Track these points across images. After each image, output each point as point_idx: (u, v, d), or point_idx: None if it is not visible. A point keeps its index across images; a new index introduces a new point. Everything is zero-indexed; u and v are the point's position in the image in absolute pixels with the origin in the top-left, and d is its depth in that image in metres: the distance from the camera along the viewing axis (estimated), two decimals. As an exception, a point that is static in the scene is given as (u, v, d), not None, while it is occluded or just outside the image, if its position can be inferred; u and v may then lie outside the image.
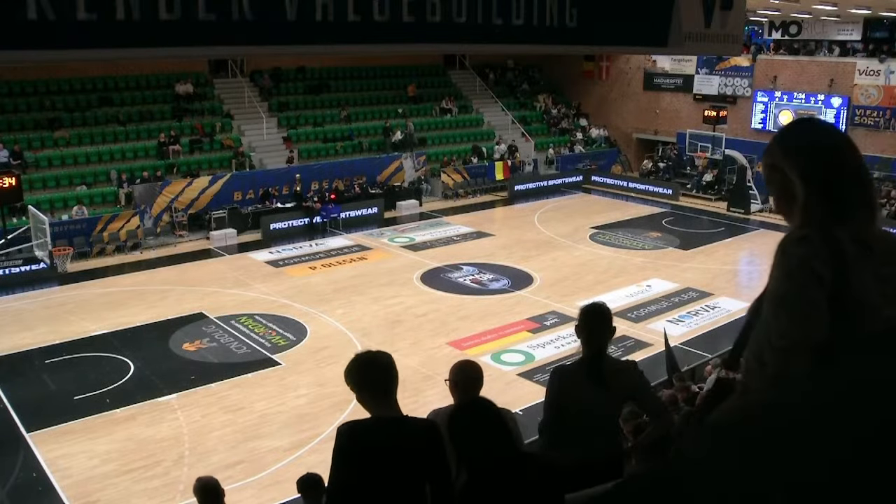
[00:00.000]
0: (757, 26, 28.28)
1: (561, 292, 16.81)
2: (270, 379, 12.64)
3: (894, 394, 0.75)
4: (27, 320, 15.21)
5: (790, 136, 1.69)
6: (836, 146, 1.65)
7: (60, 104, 22.93)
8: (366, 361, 3.06)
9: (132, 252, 19.93)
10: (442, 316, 15.56)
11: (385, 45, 3.05)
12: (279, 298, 16.50)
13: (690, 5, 4.17)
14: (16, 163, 20.50)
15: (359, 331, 14.67)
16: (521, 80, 33.13)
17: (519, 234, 22.08)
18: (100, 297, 16.65)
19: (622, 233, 22.32)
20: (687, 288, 17.27)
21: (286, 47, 2.90)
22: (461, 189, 26.73)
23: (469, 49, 4.48)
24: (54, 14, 2.16)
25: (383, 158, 25.75)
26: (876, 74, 25.11)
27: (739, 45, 4.90)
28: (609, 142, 31.79)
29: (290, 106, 26.72)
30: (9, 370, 12.91)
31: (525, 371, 12.70)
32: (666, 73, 30.37)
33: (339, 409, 11.48)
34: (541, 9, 3.43)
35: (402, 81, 29.72)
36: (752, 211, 24.89)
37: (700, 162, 27.99)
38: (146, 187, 21.12)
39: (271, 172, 23.77)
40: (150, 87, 24.72)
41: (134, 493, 9.43)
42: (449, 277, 18.05)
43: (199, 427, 11.02)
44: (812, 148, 1.64)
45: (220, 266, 19.27)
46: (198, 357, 13.52)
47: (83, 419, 11.20)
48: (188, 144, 23.68)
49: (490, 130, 30.03)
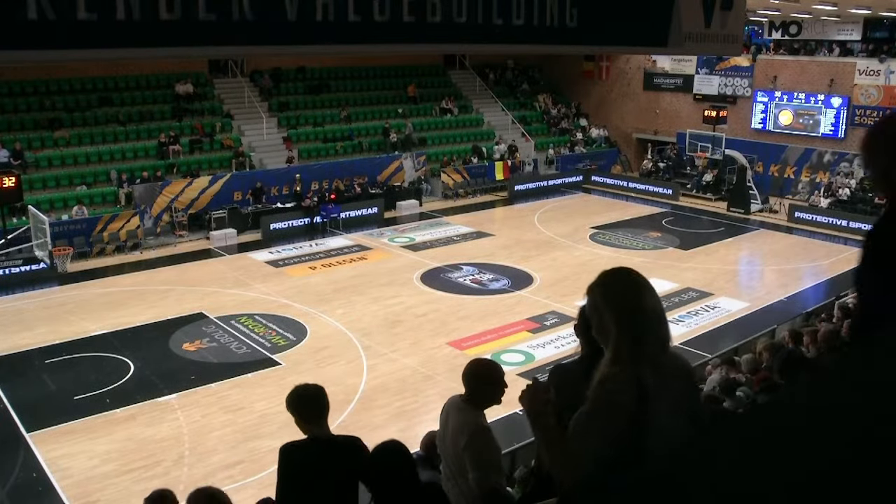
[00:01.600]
0: (757, 26, 28.27)
1: (561, 292, 16.81)
2: (270, 379, 12.64)
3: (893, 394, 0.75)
4: (27, 320, 15.21)
5: (607, 285, 2.12)
6: (640, 295, 2.10)
7: (60, 104, 22.93)
8: (301, 393, 3.72)
9: (132, 252, 19.93)
10: (442, 316, 15.56)
11: (385, 45, 3.06)
12: (279, 298, 16.50)
13: (690, 5, 4.17)
14: (16, 163, 20.51)
15: (359, 331, 14.67)
16: (521, 80, 33.13)
17: (519, 234, 22.08)
18: (100, 297, 16.65)
19: (622, 233, 22.32)
20: (687, 288, 17.27)
21: (286, 47, 2.90)
22: (461, 189, 26.73)
23: (469, 49, 4.49)
24: (54, 14, 2.16)
25: (383, 158, 25.75)
26: (876, 74, 25.11)
27: (739, 45, 4.91)
28: (609, 142, 31.79)
29: (290, 106, 26.72)
30: (9, 370, 12.90)
31: (525, 371, 12.69)
32: (666, 73, 30.37)
33: (339, 409, 11.49)
34: (541, 9, 3.44)
35: (402, 81, 29.72)
36: (752, 211, 24.89)
37: (700, 162, 27.99)
38: (146, 187, 21.11)
39: (271, 172, 23.77)
40: (150, 87, 24.72)
41: (134, 493, 9.42)
42: (449, 277, 18.05)
43: (199, 427, 11.02)
44: (623, 297, 2.09)
45: (220, 266, 19.27)
46: (198, 357, 13.52)
47: (83, 419, 11.20)
48: (188, 144, 23.69)
49: (490, 130, 30.03)
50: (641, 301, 2.09)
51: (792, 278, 18.62)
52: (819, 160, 26.39)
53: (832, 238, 22.12)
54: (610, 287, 2.12)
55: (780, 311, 15.36)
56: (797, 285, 18.04)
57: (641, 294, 2.10)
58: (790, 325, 11.50)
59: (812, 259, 20.24)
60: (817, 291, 17.45)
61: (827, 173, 26.03)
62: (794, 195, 26.40)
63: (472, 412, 3.48)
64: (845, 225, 22.72)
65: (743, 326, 14.64)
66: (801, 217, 23.78)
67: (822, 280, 18.36)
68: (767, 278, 19.03)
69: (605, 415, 2.01)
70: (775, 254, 20.82)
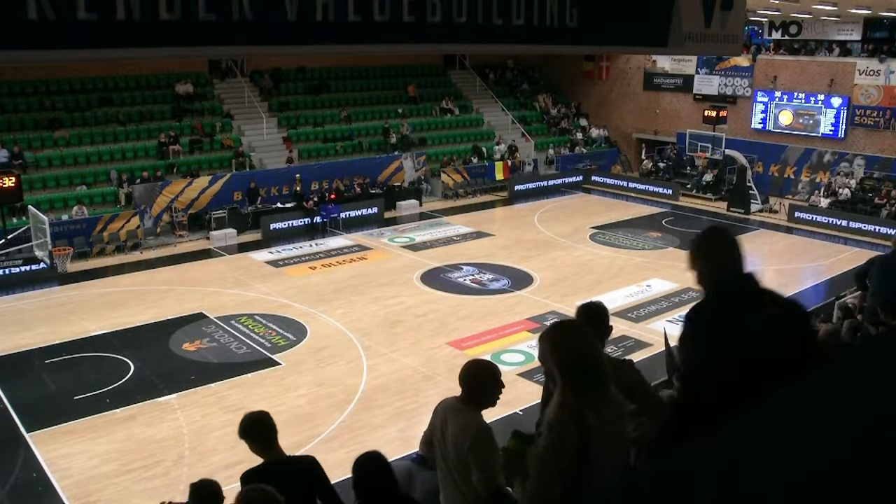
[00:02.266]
0: (757, 26, 28.27)
1: (561, 292, 16.81)
2: (270, 379, 12.64)
3: (893, 394, 0.75)
4: (27, 320, 15.21)
5: (553, 337, 2.41)
6: (580, 345, 2.38)
7: (60, 104, 22.93)
8: (252, 421, 3.91)
9: (132, 252, 19.93)
10: (442, 316, 15.56)
11: (385, 45, 3.06)
12: (279, 298, 16.50)
13: (690, 5, 4.17)
14: (16, 163, 20.51)
15: (359, 331, 14.67)
16: (521, 80, 33.13)
17: (519, 234, 22.08)
18: (100, 297, 16.65)
19: (622, 233, 22.32)
20: (687, 288, 17.25)
21: (286, 47, 2.90)
22: (461, 189, 26.73)
23: (469, 49, 4.49)
24: (54, 14, 2.16)
25: (383, 158, 25.75)
26: (876, 74, 25.10)
27: (739, 45, 4.90)
28: (609, 142, 31.79)
29: (290, 106, 26.72)
30: (9, 370, 12.90)
31: (525, 371, 12.69)
32: (666, 73, 30.37)
33: (339, 409, 11.50)
34: (541, 9, 3.44)
35: (402, 81, 29.72)
36: (752, 211, 24.89)
37: (700, 162, 27.99)
38: (146, 187, 21.11)
39: (271, 172, 23.77)
40: (150, 87, 24.72)
41: (134, 493, 9.43)
42: (449, 277, 18.05)
43: (199, 427, 11.02)
44: (567, 350, 2.36)
45: (220, 266, 19.27)
46: (198, 357, 13.52)
47: (83, 419, 11.20)
48: (188, 144, 23.68)
49: (490, 130, 30.03)
50: (585, 353, 2.37)
51: (792, 278, 18.62)
52: (819, 160, 26.39)
53: (832, 238, 22.12)
54: (556, 340, 2.40)
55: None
56: (797, 285, 18.04)
57: (585, 347, 2.39)
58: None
59: (812, 259, 20.24)
60: (817, 291, 17.45)
61: (827, 173, 26.03)
62: (794, 195, 26.40)
63: (473, 413, 3.48)
64: (845, 225, 22.73)
65: (743, 326, 14.62)
66: (801, 217, 23.78)
67: (822, 280, 18.36)
68: (767, 278, 18.90)
69: (553, 455, 2.28)
70: (775, 254, 20.82)
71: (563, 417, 2.28)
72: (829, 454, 0.71)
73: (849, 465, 0.69)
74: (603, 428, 2.29)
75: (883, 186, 24.19)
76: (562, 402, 2.31)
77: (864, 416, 0.73)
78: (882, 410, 0.73)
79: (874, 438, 0.70)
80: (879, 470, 0.67)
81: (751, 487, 0.72)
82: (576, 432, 2.25)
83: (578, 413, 2.27)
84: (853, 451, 0.70)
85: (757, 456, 0.74)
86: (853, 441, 0.71)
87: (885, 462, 0.67)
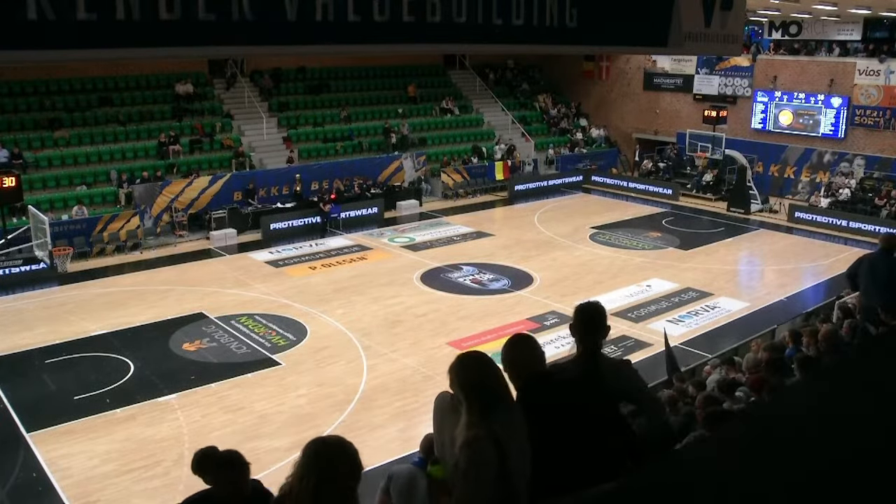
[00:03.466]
0: (757, 26, 28.27)
1: (561, 292, 16.81)
2: (270, 379, 12.64)
3: (892, 394, 0.75)
4: (27, 320, 15.21)
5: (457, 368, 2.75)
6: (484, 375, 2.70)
7: (60, 104, 22.93)
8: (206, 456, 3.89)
9: (132, 252, 19.93)
10: (442, 316, 15.56)
11: (385, 45, 3.05)
12: (279, 298, 16.50)
13: (690, 5, 4.17)
14: (16, 163, 20.51)
15: (359, 331, 14.67)
16: (521, 80, 33.13)
17: (519, 234, 22.08)
18: (100, 297, 16.66)
19: (622, 233, 22.32)
20: (687, 288, 17.28)
21: (286, 47, 2.90)
22: (461, 189, 26.73)
23: (469, 49, 4.48)
24: (54, 14, 2.16)
25: (383, 158, 25.76)
26: (876, 74, 25.10)
27: (739, 45, 4.91)
28: (609, 142, 31.79)
29: (290, 106, 26.72)
30: (9, 370, 12.90)
31: (525, 371, 12.68)
32: (666, 73, 30.37)
33: (339, 409, 11.50)
34: (541, 9, 3.44)
35: (402, 81, 29.72)
36: (752, 211, 24.89)
37: (700, 162, 27.99)
38: (146, 187, 21.11)
39: (271, 172, 23.77)
40: (150, 87, 24.72)
41: (134, 493, 9.43)
42: (449, 277, 18.05)
43: (199, 427, 11.02)
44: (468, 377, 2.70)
45: (220, 266, 19.28)
46: (198, 357, 13.52)
47: (83, 419, 11.20)
48: (188, 144, 23.68)
49: (490, 130, 30.03)
50: (485, 380, 2.69)
51: (792, 278, 18.62)
52: (819, 160, 26.39)
53: (832, 238, 22.12)
54: (459, 370, 2.74)
55: (780, 312, 15.36)
56: (797, 285, 18.04)
57: (485, 374, 2.71)
58: (790, 325, 11.49)
59: (812, 259, 20.24)
60: (817, 291, 17.44)
61: (827, 173, 26.03)
62: (793, 195, 26.40)
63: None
64: (845, 225, 22.73)
65: (743, 326, 14.64)
66: (801, 217, 23.78)
67: (821, 280, 18.36)
68: (767, 278, 19.03)
69: (476, 470, 2.50)
70: (775, 254, 20.82)
71: (478, 435, 2.54)
72: (828, 454, 0.71)
73: (849, 465, 0.69)
74: (512, 441, 2.57)
75: (883, 186, 24.19)
76: (469, 423, 2.58)
77: (863, 416, 0.73)
78: (882, 410, 0.73)
79: (874, 438, 0.70)
80: (879, 470, 0.67)
81: (751, 487, 0.72)
82: (493, 449, 2.50)
83: (490, 430, 2.53)
84: (852, 451, 0.70)
85: (757, 456, 0.74)
86: (853, 441, 0.71)
87: (884, 462, 0.67)
